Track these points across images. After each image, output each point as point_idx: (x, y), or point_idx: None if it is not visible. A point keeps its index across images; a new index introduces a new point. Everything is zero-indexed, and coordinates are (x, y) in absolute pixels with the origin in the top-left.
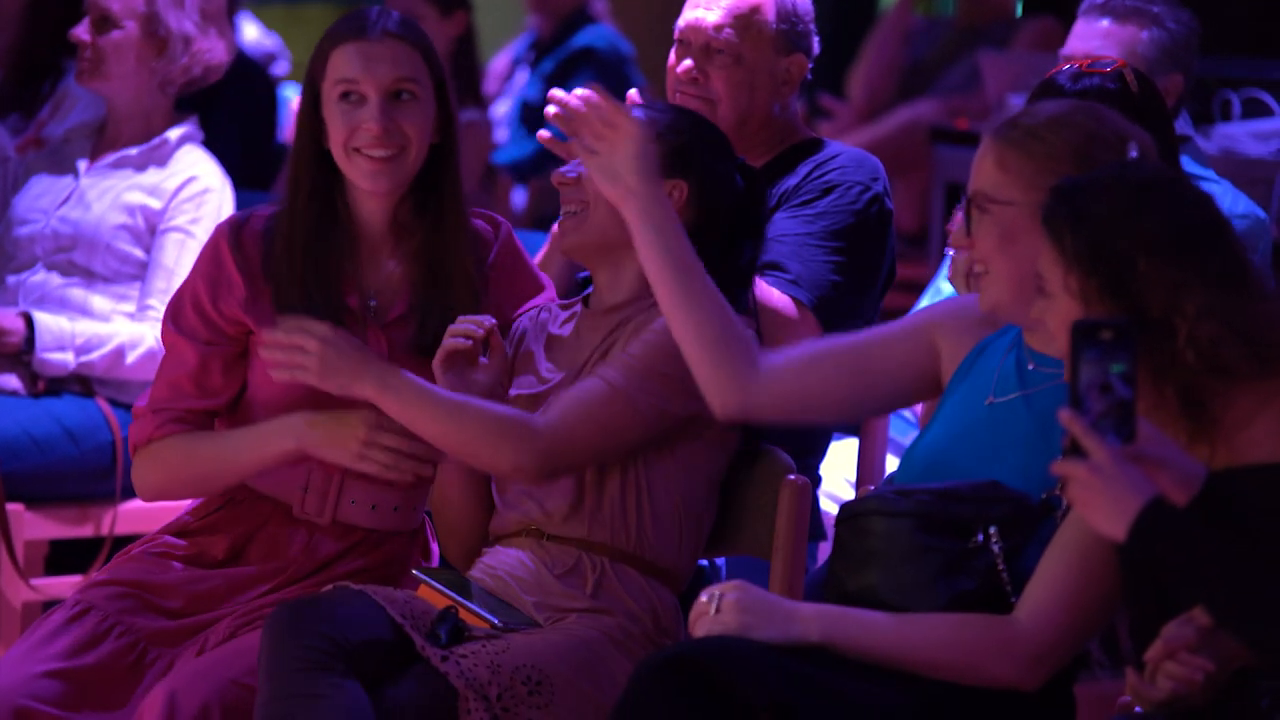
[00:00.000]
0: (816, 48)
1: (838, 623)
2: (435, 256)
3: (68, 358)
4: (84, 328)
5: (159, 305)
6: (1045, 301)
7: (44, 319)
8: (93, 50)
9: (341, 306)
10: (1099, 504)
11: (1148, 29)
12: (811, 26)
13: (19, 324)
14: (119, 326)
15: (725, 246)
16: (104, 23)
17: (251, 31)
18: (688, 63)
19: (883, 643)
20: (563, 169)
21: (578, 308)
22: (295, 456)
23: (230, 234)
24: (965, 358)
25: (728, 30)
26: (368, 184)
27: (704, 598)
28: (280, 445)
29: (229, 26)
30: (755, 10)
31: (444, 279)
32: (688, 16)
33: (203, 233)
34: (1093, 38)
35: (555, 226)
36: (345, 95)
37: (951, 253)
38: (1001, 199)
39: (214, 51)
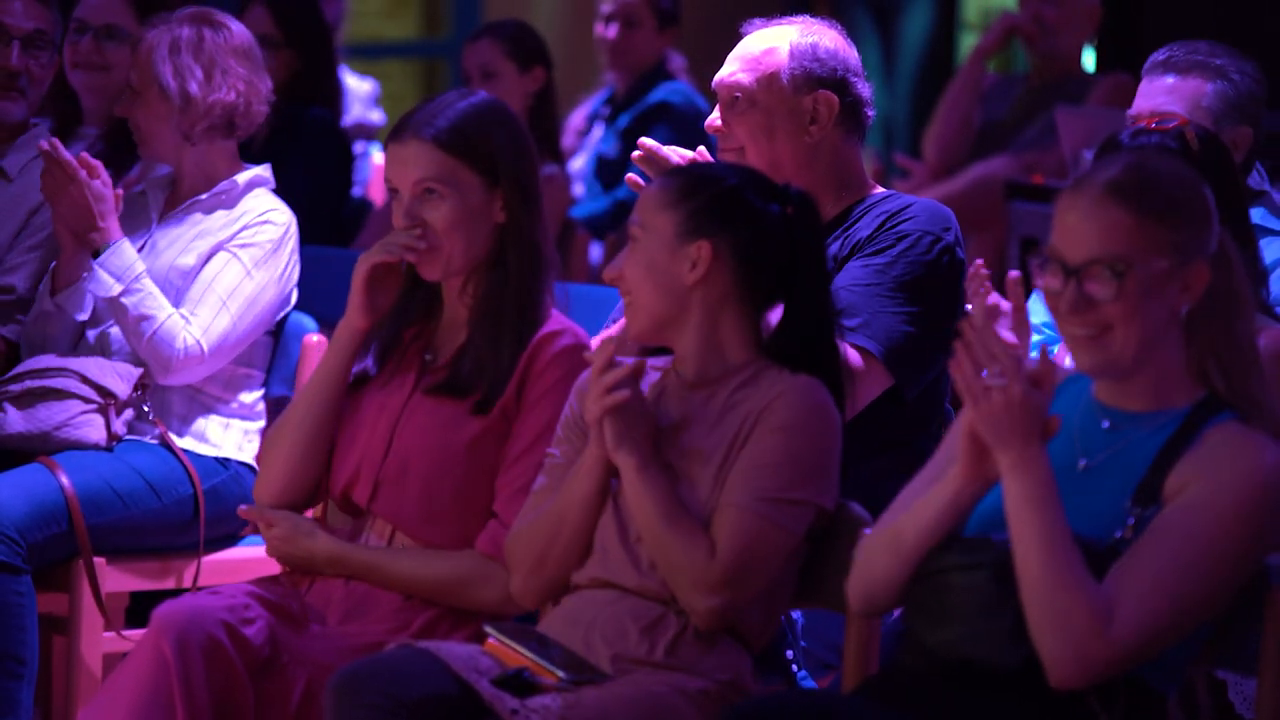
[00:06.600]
0: (864, 90)
1: None
2: (483, 319)
3: (115, 287)
4: (152, 288)
5: (188, 313)
6: (1103, 339)
7: (129, 249)
8: (133, 123)
9: (397, 342)
10: None
11: (1212, 82)
12: (842, 65)
13: (116, 232)
14: (173, 313)
15: (784, 283)
16: (132, 94)
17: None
18: (713, 115)
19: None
20: (610, 267)
21: (666, 362)
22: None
23: None
24: None
25: (738, 76)
26: (421, 274)
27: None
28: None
29: (259, 73)
30: (766, 54)
31: (486, 341)
32: (716, 78)
33: (248, 259)
34: (1157, 95)
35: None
36: (392, 193)
37: (1039, 291)
38: (1139, 262)
39: (222, 95)
